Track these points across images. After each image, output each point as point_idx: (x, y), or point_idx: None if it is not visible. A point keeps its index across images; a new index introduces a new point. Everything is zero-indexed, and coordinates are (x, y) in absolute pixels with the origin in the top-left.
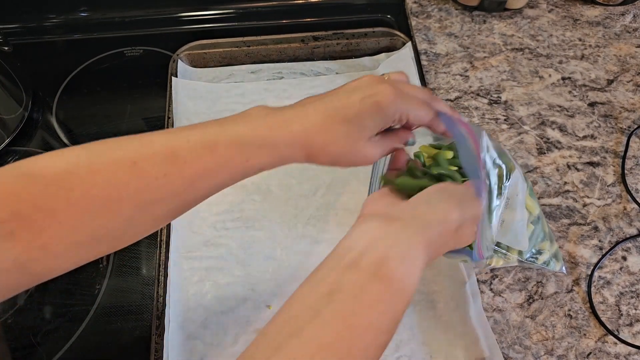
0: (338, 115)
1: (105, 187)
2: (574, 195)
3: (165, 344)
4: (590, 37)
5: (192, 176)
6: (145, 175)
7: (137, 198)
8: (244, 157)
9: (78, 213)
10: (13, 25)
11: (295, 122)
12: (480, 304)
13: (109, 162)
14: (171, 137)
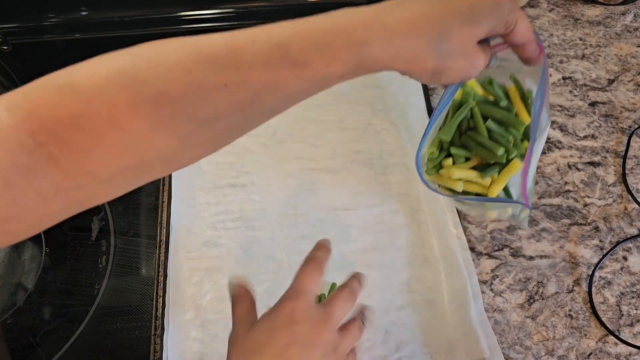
0: (450, 4)
1: (155, 102)
2: (575, 195)
3: (164, 344)
4: (591, 36)
5: (258, 86)
6: (202, 85)
7: (193, 113)
8: (324, 61)
9: (125, 133)
10: (12, 25)
11: (396, 11)
12: (481, 305)
13: (160, 69)
14: (234, 37)
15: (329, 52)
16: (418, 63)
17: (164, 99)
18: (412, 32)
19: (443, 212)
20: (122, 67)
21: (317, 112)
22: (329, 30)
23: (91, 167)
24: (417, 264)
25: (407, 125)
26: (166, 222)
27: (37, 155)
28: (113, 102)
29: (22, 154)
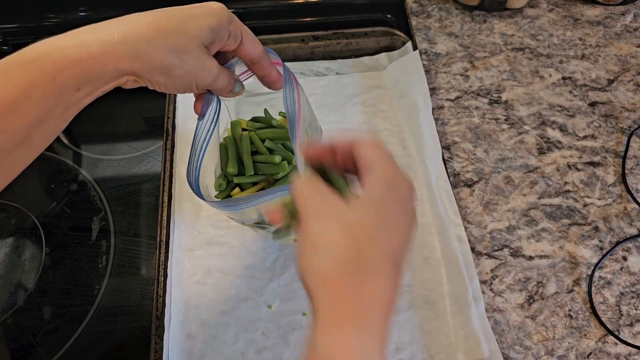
0: (167, 17)
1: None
2: (575, 195)
3: (165, 344)
4: (590, 36)
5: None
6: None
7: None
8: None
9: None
10: (12, 25)
11: (117, 29)
12: (482, 308)
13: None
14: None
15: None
16: (144, 60)
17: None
18: (134, 48)
19: (444, 214)
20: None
21: (321, 113)
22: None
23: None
24: (418, 266)
25: (412, 127)
26: (166, 222)
27: None
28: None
29: None
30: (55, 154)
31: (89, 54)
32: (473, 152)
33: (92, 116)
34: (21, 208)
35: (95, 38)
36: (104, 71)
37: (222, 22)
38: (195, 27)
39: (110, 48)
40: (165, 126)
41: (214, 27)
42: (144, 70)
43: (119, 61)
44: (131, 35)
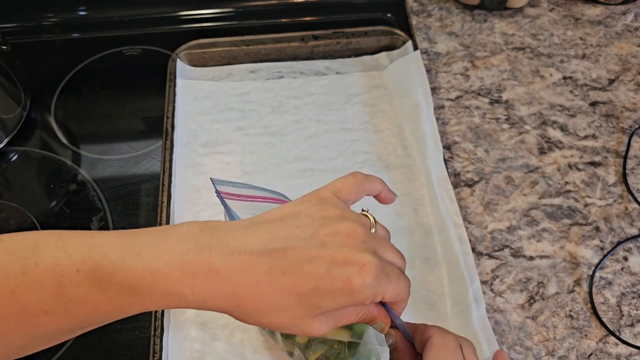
0: (287, 283)
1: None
2: (575, 195)
3: (164, 345)
4: (591, 36)
5: (79, 316)
6: (25, 309)
7: (17, 335)
8: (142, 305)
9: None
10: (11, 25)
11: (222, 277)
12: (483, 309)
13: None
14: (61, 259)
15: (148, 299)
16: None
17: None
18: (235, 303)
19: (445, 214)
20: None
21: (321, 112)
22: (150, 277)
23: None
24: (418, 266)
25: (413, 127)
26: (166, 222)
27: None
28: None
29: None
30: (55, 153)
31: (165, 292)
32: (473, 152)
33: (91, 116)
34: (20, 208)
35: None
36: (176, 305)
37: (357, 302)
38: (316, 305)
39: (199, 295)
40: (164, 126)
41: (343, 307)
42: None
43: (200, 307)
44: (242, 293)
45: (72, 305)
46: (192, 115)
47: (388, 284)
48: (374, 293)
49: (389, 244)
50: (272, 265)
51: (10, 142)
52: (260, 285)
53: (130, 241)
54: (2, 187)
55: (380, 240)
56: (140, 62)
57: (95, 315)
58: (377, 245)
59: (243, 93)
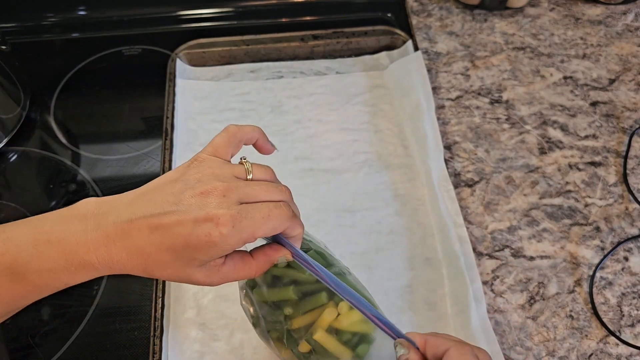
0: (163, 242)
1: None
2: (576, 195)
3: (164, 345)
4: (591, 36)
5: (7, 300)
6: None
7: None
8: (59, 281)
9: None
10: (11, 24)
11: (118, 245)
12: (484, 309)
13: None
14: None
15: (68, 272)
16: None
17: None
18: (131, 264)
19: (446, 214)
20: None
21: (321, 112)
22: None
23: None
24: (419, 266)
25: (414, 127)
26: None
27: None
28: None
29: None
30: (54, 153)
31: (77, 267)
32: (474, 152)
33: (91, 116)
34: (20, 208)
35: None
36: (89, 277)
37: (225, 251)
38: (191, 259)
39: (104, 262)
40: (164, 126)
41: (217, 256)
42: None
43: (107, 271)
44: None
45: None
46: (191, 115)
47: (252, 224)
48: (238, 239)
49: (259, 185)
50: (151, 229)
51: (9, 142)
52: (145, 247)
53: (39, 230)
54: (1, 187)
55: (247, 186)
56: (140, 61)
57: (20, 299)
58: (242, 193)
59: (243, 93)
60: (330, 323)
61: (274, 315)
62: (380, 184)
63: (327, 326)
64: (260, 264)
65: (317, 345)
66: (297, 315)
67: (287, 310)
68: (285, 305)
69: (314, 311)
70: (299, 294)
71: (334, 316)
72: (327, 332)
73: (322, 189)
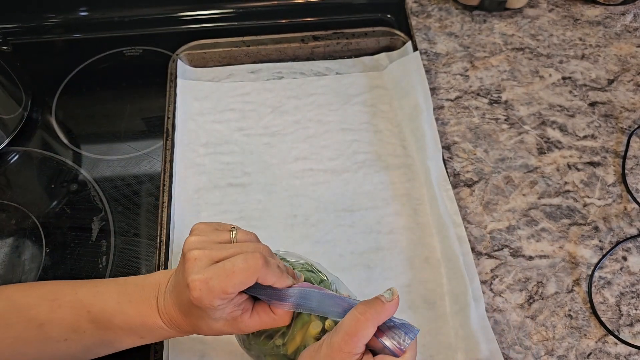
0: (181, 309)
1: (12, 343)
2: (575, 195)
3: (165, 344)
4: (590, 36)
5: (88, 345)
6: (48, 338)
7: (38, 355)
8: (138, 336)
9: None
10: (12, 25)
11: (169, 313)
12: (483, 309)
13: (21, 319)
14: (77, 302)
15: (141, 331)
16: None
17: (18, 341)
18: (176, 323)
19: (445, 214)
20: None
21: (321, 113)
22: (138, 319)
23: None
24: (418, 266)
25: (413, 128)
26: (166, 222)
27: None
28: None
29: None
30: (55, 154)
31: (149, 327)
32: (473, 152)
33: (92, 116)
34: (21, 208)
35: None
36: (162, 336)
37: (213, 307)
38: (200, 316)
39: (169, 324)
40: (165, 126)
41: (222, 312)
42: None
43: (176, 333)
44: (174, 317)
45: (85, 335)
46: (192, 115)
47: (219, 282)
48: (212, 297)
49: (235, 245)
50: (175, 298)
51: (11, 142)
52: (179, 314)
53: (123, 289)
54: (3, 187)
55: (222, 249)
56: (141, 62)
57: (102, 345)
58: (215, 255)
59: (243, 93)
60: (318, 333)
61: (265, 344)
62: (380, 184)
63: (316, 336)
64: (278, 316)
65: None
66: (290, 341)
67: (278, 341)
68: (276, 335)
69: (301, 331)
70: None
71: (320, 327)
72: (316, 340)
73: (322, 189)
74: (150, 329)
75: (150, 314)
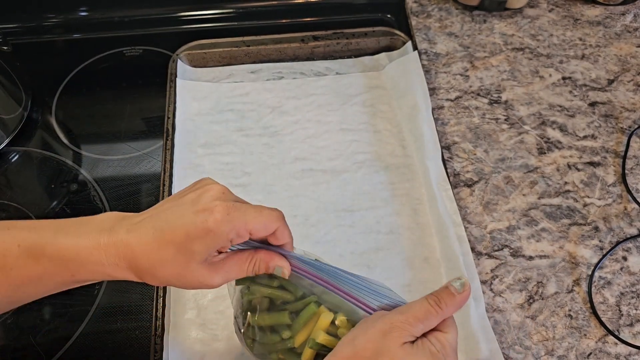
0: (165, 236)
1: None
2: (575, 195)
3: (165, 345)
4: (590, 36)
5: (16, 282)
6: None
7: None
8: (69, 272)
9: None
10: (12, 25)
11: (125, 243)
12: (483, 309)
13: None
14: (6, 237)
15: (73, 267)
16: (145, 280)
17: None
18: (135, 262)
19: (444, 213)
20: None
21: (320, 113)
22: (75, 249)
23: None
24: (418, 266)
25: (412, 127)
26: None
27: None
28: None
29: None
30: (55, 154)
31: (82, 259)
32: (473, 152)
33: (92, 116)
34: (21, 208)
35: (94, 244)
36: (96, 275)
37: (220, 239)
38: (191, 251)
39: (111, 260)
40: (165, 126)
41: (213, 248)
42: (143, 279)
43: (113, 271)
44: (138, 252)
45: (13, 272)
46: (191, 116)
47: (244, 215)
48: (231, 227)
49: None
50: (155, 227)
51: (11, 142)
52: (148, 245)
53: (61, 224)
54: (3, 187)
55: (241, 199)
56: (141, 62)
57: (30, 282)
58: (237, 198)
59: (242, 94)
60: (328, 325)
61: (271, 338)
62: (379, 184)
63: (326, 328)
64: (258, 262)
65: (321, 347)
66: (296, 334)
67: (286, 334)
68: (282, 329)
69: (309, 323)
70: (290, 315)
71: (330, 318)
72: (327, 333)
73: (322, 189)
74: (83, 263)
75: (87, 245)
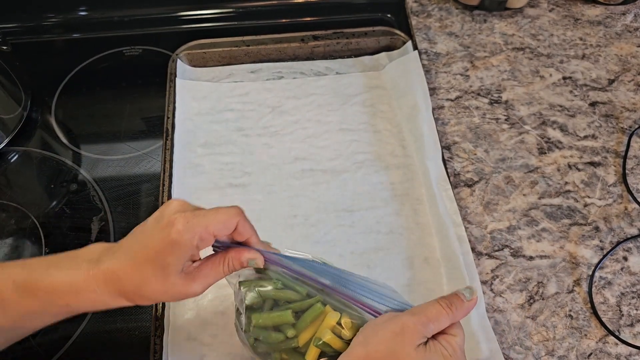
0: (140, 257)
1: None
2: (575, 195)
3: (164, 345)
4: (591, 36)
5: (15, 316)
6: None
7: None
8: (64, 302)
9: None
10: (12, 25)
11: (111, 270)
12: (483, 309)
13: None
14: (2, 274)
15: (68, 297)
16: (136, 302)
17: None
18: (122, 287)
19: (445, 213)
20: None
21: (320, 113)
22: (67, 281)
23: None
24: (418, 266)
25: (412, 127)
26: None
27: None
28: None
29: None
30: (55, 154)
31: (76, 289)
32: (473, 152)
33: (91, 116)
34: (21, 208)
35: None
36: (90, 304)
37: (187, 248)
38: (165, 264)
39: (102, 288)
40: (165, 126)
41: (184, 258)
42: (135, 301)
43: (107, 299)
44: (122, 276)
45: (8, 306)
46: (191, 115)
47: (203, 219)
48: (193, 234)
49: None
50: (130, 250)
51: (10, 142)
52: (129, 267)
53: (52, 259)
54: (2, 187)
55: (199, 207)
56: (141, 62)
57: (27, 315)
58: (195, 207)
59: (242, 94)
60: (335, 325)
61: (275, 337)
62: (379, 184)
63: (332, 328)
64: (230, 261)
65: (326, 346)
66: (300, 333)
67: (290, 333)
68: (286, 328)
69: (314, 322)
70: (294, 314)
71: (337, 318)
72: (333, 332)
73: (321, 189)
74: (77, 293)
75: (79, 274)
